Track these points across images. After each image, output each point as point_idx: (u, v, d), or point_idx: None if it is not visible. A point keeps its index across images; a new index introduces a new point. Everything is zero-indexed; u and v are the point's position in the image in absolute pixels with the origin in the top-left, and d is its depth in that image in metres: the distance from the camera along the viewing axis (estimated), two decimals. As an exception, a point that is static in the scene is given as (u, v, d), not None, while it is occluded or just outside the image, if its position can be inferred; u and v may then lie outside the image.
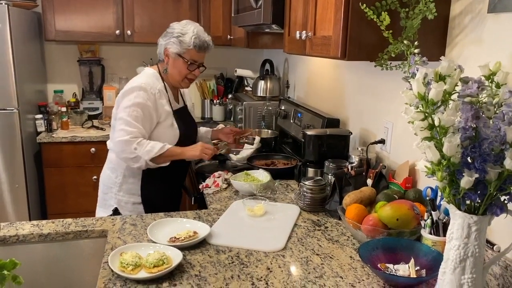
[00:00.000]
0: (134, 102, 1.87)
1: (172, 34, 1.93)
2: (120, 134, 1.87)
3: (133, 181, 2.00)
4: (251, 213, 1.68)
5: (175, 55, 1.94)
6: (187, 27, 1.94)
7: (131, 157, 1.87)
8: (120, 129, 1.87)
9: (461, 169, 0.96)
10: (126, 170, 1.99)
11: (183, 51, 1.93)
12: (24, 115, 3.04)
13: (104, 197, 2.07)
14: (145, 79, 1.95)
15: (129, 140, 1.85)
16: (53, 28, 3.24)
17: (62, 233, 1.53)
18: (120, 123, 1.88)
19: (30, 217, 3.04)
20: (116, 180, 2.02)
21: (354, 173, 1.67)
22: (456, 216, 1.02)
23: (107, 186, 2.05)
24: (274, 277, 1.25)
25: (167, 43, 1.94)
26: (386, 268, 1.25)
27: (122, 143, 1.86)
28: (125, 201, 2.02)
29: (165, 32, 1.98)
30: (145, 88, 1.90)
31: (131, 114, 1.87)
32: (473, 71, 1.05)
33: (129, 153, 1.86)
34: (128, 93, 1.90)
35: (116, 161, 2.02)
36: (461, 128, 0.94)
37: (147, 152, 1.86)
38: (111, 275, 1.25)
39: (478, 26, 1.30)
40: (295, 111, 2.56)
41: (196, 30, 1.94)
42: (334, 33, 1.41)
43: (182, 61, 1.94)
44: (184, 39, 1.91)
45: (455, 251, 1.04)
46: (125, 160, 1.91)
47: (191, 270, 1.29)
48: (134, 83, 1.93)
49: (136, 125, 1.87)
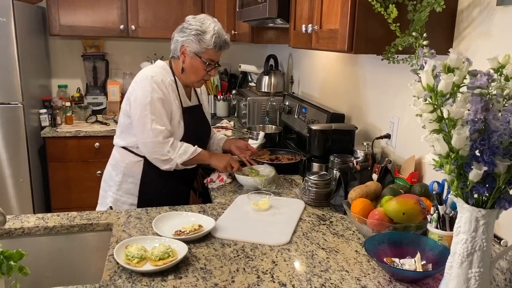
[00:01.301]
0: (153, 97, 1.80)
1: (191, 31, 1.82)
2: (149, 135, 1.81)
3: (132, 180, 1.95)
4: (256, 207, 1.68)
5: (193, 54, 1.85)
6: (206, 23, 1.83)
7: (162, 159, 1.84)
8: (147, 129, 1.81)
9: (470, 162, 0.95)
10: (125, 169, 1.95)
11: (202, 51, 1.84)
12: (29, 109, 3.05)
13: (103, 194, 2.04)
14: (156, 70, 1.88)
15: (162, 142, 1.81)
16: (57, 23, 3.24)
17: (67, 226, 1.53)
18: (145, 121, 1.81)
19: (34, 212, 3.05)
20: (116, 178, 1.97)
21: (360, 168, 1.67)
22: (463, 210, 1.02)
23: (107, 183, 2.02)
24: (280, 271, 1.25)
25: (185, 40, 1.83)
26: (392, 262, 1.25)
27: (154, 144, 1.82)
28: (123, 201, 1.97)
29: (182, 27, 1.87)
30: (157, 81, 1.83)
31: (154, 111, 1.81)
32: (481, 65, 1.04)
33: (162, 155, 1.83)
34: (143, 87, 1.83)
35: (118, 158, 1.98)
36: (470, 120, 0.93)
37: (180, 155, 1.83)
38: (116, 268, 1.25)
39: (487, 19, 1.29)
40: (299, 107, 2.55)
41: (216, 28, 1.83)
42: (341, 26, 1.40)
43: (200, 61, 1.86)
44: (205, 37, 1.81)
45: (462, 245, 1.03)
46: (155, 161, 1.87)
47: (196, 263, 1.28)
48: (145, 76, 1.85)
49: (164, 122, 1.83)
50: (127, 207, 1.97)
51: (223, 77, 3.89)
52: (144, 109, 1.81)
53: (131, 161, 1.95)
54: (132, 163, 1.95)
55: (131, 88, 1.89)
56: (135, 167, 1.94)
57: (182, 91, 1.95)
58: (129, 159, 1.95)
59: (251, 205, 1.69)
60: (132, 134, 1.93)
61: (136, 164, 1.95)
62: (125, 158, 1.96)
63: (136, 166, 1.95)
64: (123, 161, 1.96)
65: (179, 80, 1.94)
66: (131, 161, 1.95)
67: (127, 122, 1.93)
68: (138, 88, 1.85)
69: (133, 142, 1.93)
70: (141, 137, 1.86)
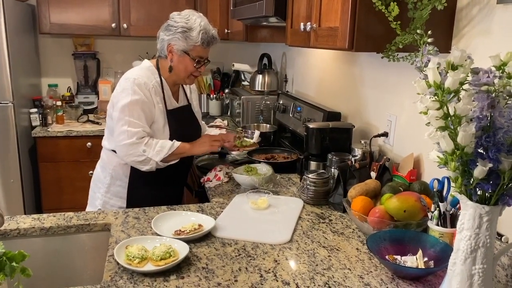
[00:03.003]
0: (132, 99, 1.74)
1: (176, 28, 1.77)
2: (124, 137, 1.75)
3: (120, 183, 1.90)
4: (255, 206, 1.67)
5: (180, 52, 1.79)
6: (192, 19, 1.77)
7: (139, 160, 1.76)
8: (122, 131, 1.75)
9: (475, 159, 0.96)
10: (113, 171, 1.89)
11: (190, 48, 1.78)
12: (19, 109, 3.00)
13: (93, 195, 1.99)
14: (139, 73, 1.82)
15: (135, 143, 1.74)
16: (47, 21, 3.19)
17: (64, 227, 1.50)
18: (122, 124, 1.75)
19: (25, 213, 3.00)
20: (104, 180, 1.92)
21: (359, 166, 1.67)
22: (467, 207, 1.02)
23: (97, 185, 1.97)
24: (282, 269, 1.25)
25: (171, 38, 1.78)
26: (394, 259, 1.25)
27: (127, 146, 1.74)
28: (111, 204, 1.92)
29: (166, 25, 1.81)
30: (140, 83, 1.77)
31: (131, 113, 1.74)
32: (480, 63, 1.05)
33: (138, 156, 1.75)
34: (123, 90, 1.77)
35: (106, 160, 1.93)
36: (475, 117, 0.93)
37: (157, 153, 1.75)
38: (117, 268, 1.23)
39: (487, 17, 1.30)
40: (294, 105, 2.54)
41: (203, 23, 1.78)
42: (341, 24, 1.40)
43: (189, 59, 1.80)
44: (191, 34, 1.76)
45: (466, 241, 1.04)
46: (133, 164, 1.80)
47: (198, 262, 1.27)
48: (127, 78, 1.79)
49: (139, 124, 1.75)
50: (117, 210, 1.92)
51: (216, 76, 3.88)
52: (122, 111, 1.76)
53: (118, 164, 1.89)
54: (120, 166, 1.89)
55: (115, 90, 1.84)
56: (123, 170, 1.89)
57: (168, 92, 1.89)
58: (116, 162, 1.89)
59: (250, 204, 1.68)
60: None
61: (124, 167, 1.89)
62: (112, 160, 1.90)
63: (123, 169, 1.89)
64: (111, 163, 1.91)
65: (166, 80, 1.88)
66: (118, 163, 1.89)
67: (112, 125, 1.86)
68: (120, 90, 1.80)
69: None
70: (116, 140, 1.79)
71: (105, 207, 1.92)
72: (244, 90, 3.41)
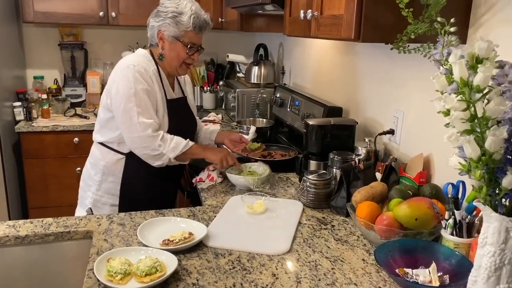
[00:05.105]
0: (136, 88, 1.66)
1: (166, 14, 1.70)
2: (136, 129, 1.67)
3: (112, 179, 1.82)
4: (251, 210, 1.54)
5: (172, 39, 1.72)
6: (182, 4, 1.70)
7: (154, 154, 1.70)
8: (137, 122, 1.66)
9: (504, 167, 0.83)
10: (105, 167, 1.81)
11: (181, 34, 1.71)
12: (2, 102, 2.84)
13: (83, 195, 1.90)
14: (137, 59, 1.73)
15: (152, 136, 1.68)
16: (31, 9, 3.01)
17: (42, 235, 1.37)
18: (131, 115, 1.67)
19: (9, 212, 2.86)
20: (95, 177, 1.84)
21: (363, 167, 1.54)
22: (491, 219, 0.90)
23: (86, 183, 1.88)
24: (281, 285, 1.12)
25: (161, 24, 1.71)
26: (405, 273, 1.13)
27: (143, 138, 1.68)
28: (103, 202, 1.84)
29: (156, 11, 1.74)
30: (140, 70, 1.69)
31: (139, 103, 1.67)
32: (503, 55, 0.91)
33: (152, 149, 1.69)
34: (123, 78, 1.68)
35: (97, 156, 1.84)
36: (507, 119, 0.80)
37: (172, 149, 1.70)
38: (97, 285, 1.10)
39: (510, 4, 1.16)
40: (292, 99, 2.41)
41: (194, 7, 1.71)
42: (346, 12, 1.26)
43: (181, 45, 1.73)
44: (182, 19, 1.69)
45: (489, 258, 0.92)
46: (144, 157, 1.73)
47: (187, 277, 1.15)
48: (127, 64, 1.69)
49: (151, 114, 1.69)
50: (108, 208, 1.84)
51: (209, 67, 3.73)
52: (129, 101, 1.67)
53: (111, 159, 1.81)
54: (113, 161, 1.81)
55: (111, 79, 1.74)
56: (116, 165, 1.81)
57: (165, 81, 1.81)
58: (109, 157, 1.82)
59: (245, 208, 1.55)
60: (112, 129, 1.78)
61: (117, 162, 1.81)
62: (105, 155, 1.82)
63: (116, 164, 1.81)
64: (103, 159, 1.83)
65: (162, 69, 1.80)
66: (111, 159, 1.82)
67: (107, 117, 1.79)
68: (119, 79, 1.70)
69: (113, 138, 1.79)
70: (127, 132, 1.71)
71: (96, 206, 1.83)
72: (239, 82, 3.27)
